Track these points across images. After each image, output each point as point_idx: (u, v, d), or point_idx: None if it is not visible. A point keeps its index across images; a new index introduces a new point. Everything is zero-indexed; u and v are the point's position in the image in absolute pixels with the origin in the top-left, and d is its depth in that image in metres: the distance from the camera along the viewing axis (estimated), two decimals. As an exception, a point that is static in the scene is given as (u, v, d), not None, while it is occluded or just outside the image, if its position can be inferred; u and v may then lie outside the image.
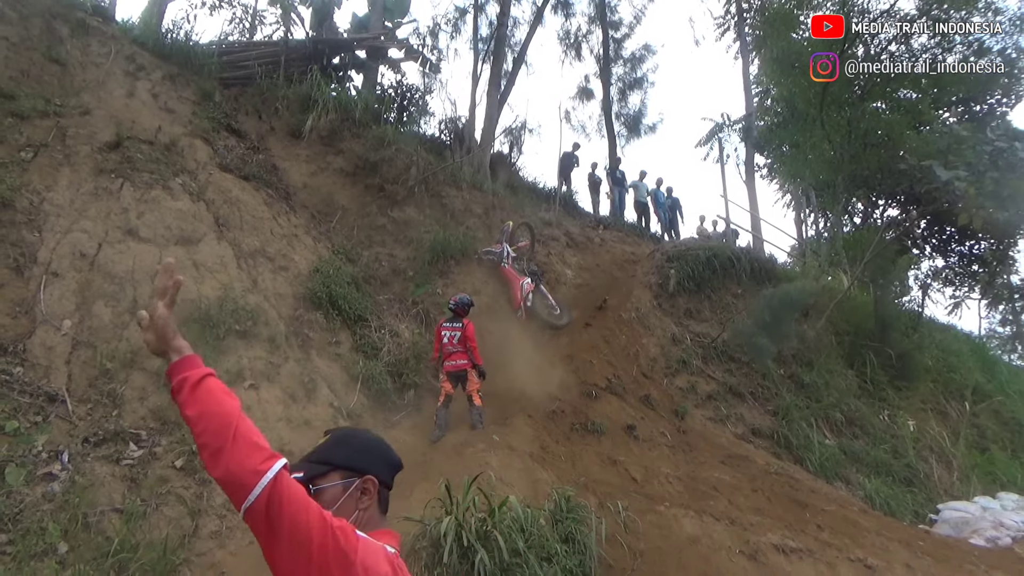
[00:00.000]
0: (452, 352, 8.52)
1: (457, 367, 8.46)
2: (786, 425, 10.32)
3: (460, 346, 8.49)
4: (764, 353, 11.04)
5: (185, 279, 6.35)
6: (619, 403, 9.63)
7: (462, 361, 8.46)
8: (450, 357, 8.54)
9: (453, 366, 8.47)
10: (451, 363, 8.50)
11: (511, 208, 14.42)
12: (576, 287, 13.80)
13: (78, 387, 6.09)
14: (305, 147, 11.72)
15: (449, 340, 8.56)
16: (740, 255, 13.37)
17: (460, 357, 8.48)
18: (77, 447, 5.61)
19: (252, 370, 7.16)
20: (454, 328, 8.61)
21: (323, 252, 9.81)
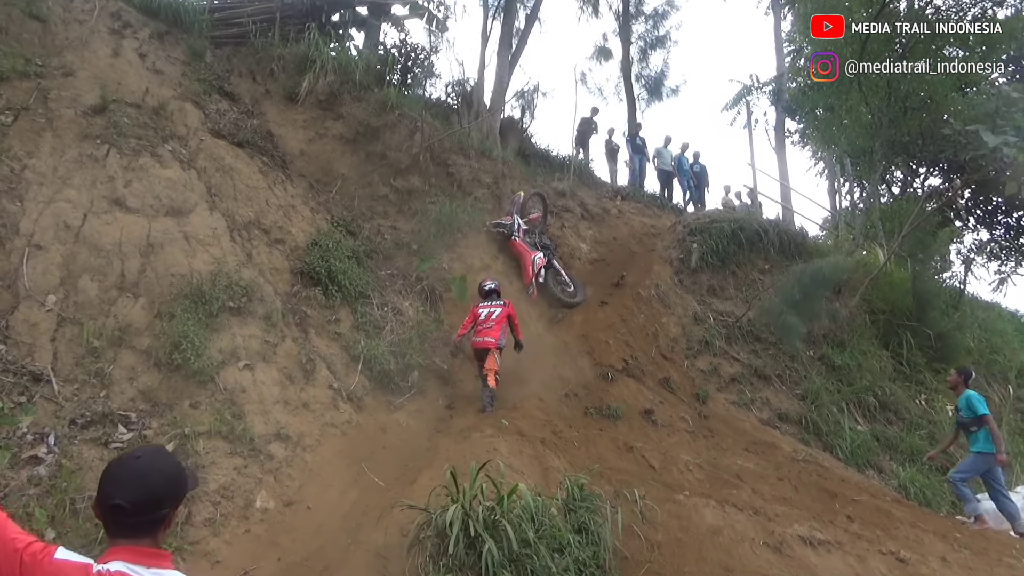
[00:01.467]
0: (486, 328, 8.92)
1: (484, 344, 8.83)
2: (815, 410, 10.30)
3: (495, 323, 8.91)
4: (793, 333, 10.99)
5: (175, 252, 6.32)
6: (636, 386, 9.63)
7: (490, 339, 8.83)
8: (480, 332, 8.89)
9: (480, 343, 8.87)
10: (478, 339, 8.91)
11: (522, 177, 14.34)
12: (591, 262, 13.75)
13: (64, 366, 6.14)
14: (302, 111, 11.67)
15: (487, 317, 9.01)
16: (768, 228, 13.26)
17: (490, 334, 8.85)
18: (64, 429, 5.67)
19: (247, 349, 7.19)
20: (494, 305, 9.15)
21: (322, 224, 9.80)
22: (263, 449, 6.49)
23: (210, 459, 6.10)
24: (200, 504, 5.74)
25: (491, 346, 8.77)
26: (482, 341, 8.86)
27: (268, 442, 6.60)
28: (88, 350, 6.31)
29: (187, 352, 6.60)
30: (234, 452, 6.28)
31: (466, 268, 11.18)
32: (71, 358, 6.22)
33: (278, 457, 6.55)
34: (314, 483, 6.54)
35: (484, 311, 9.11)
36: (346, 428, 7.41)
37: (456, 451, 6.58)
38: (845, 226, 18.07)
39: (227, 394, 6.68)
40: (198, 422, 6.28)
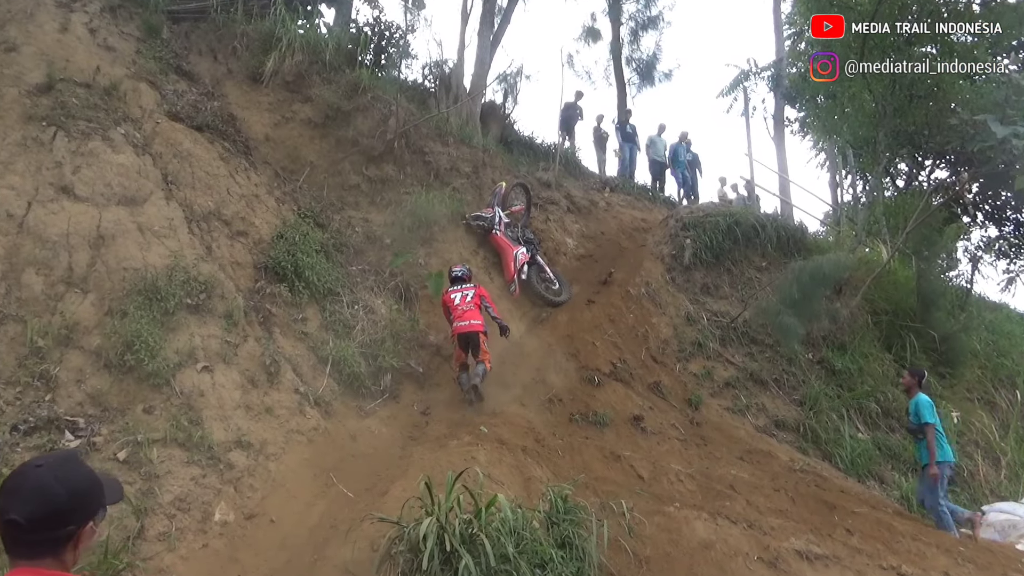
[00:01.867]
0: (465, 311, 9.04)
1: (471, 327, 8.91)
2: (814, 416, 10.40)
3: (474, 304, 9.09)
4: (791, 335, 11.09)
5: (128, 244, 6.26)
6: (625, 391, 9.68)
7: (476, 321, 8.96)
8: (462, 316, 8.96)
9: (466, 327, 8.92)
10: (463, 323, 8.92)
11: (504, 167, 14.34)
12: (578, 258, 13.78)
13: (5, 367, 6.07)
14: (267, 93, 11.58)
15: (462, 300, 9.16)
16: (765, 223, 13.37)
17: (474, 316, 9.00)
18: (4, 436, 5.61)
19: (206, 350, 7.15)
20: (464, 289, 9.32)
21: (288, 215, 9.75)
22: (223, 458, 6.46)
23: (165, 468, 6.06)
24: (154, 517, 5.70)
25: (479, 329, 8.93)
26: (467, 325, 8.94)
27: (228, 450, 6.57)
28: (32, 350, 6.24)
29: (140, 353, 6.54)
30: (191, 461, 6.24)
31: (443, 263, 11.16)
32: (13, 359, 6.15)
33: (239, 466, 6.51)
34: (278, 494, 6.52)
35: (456, 295, 9.28)
36: (313, 435, 7.38)
37: (431, 460, 6.58)
38: (847, 221, 18.25)
39: (184, 398, 6.64)
40: (152, 428, 6.23)
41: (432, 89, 15.36)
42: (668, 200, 18.40)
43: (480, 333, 8.93)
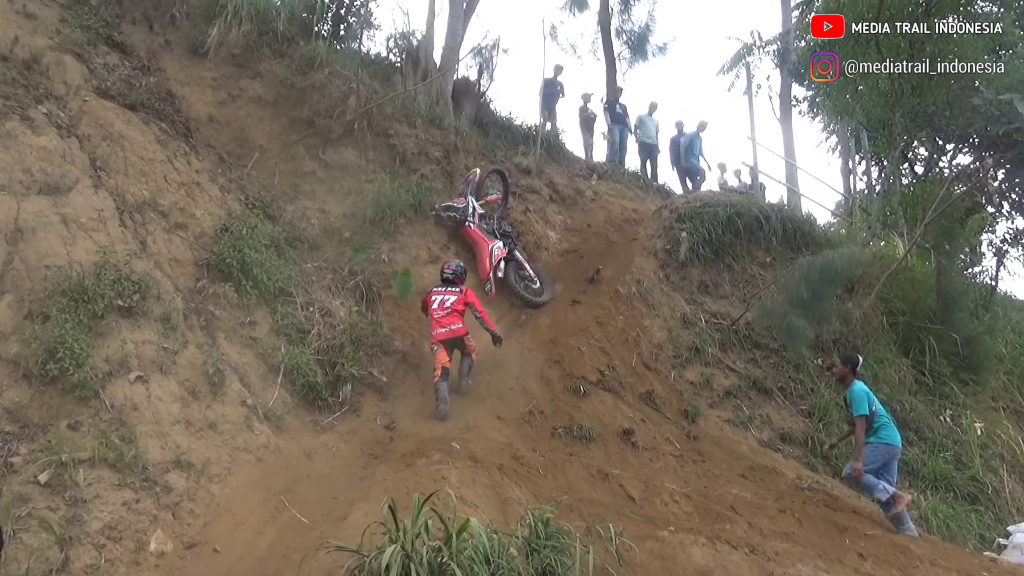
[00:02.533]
0: (444, 316, 9.39)
1: (452, 333, 9.32)
2: (823, 429, 10.47)
3: (453, 310, 9.41)
4: (799, 338, 11.14)
5: (50, 239, 6.20)
6: (614, 401, 9.71)
7: (456, 325, 9.35)
8: (441, 323, 9.37)
9: (447, 333, 9.31)
10: (443, 329, 9.33)
11: (479, 151, 14.32)
12: (561, 253, 13.80)
13: (-91, 380, 5.99)
14: (211, 68, 11.49)
15: (440, 304, 9.48)
16: (770, 214, 13.44)
17: (455, 321, 9.37)
18: (-91, 457, 5.53)
19: (140, 358, 7.09)
20: (448, 292, 9.60)
21: (234, 206, 9.69)
22: (159, 480, 6.41)
23: (93, 492, 6.00)
24: (80, 547, 5.64)
25: (462, 333, 9.38)
26: (448, 331, 9.33)
27: (165, 471, 6.52)
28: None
29: (65, 361, 6.48)
30: (123, 484, 6.19)
31: (410, 260, 11.15)
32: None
33: (178, 489, 6.47)
34: (222, 521, 6.48)
35: (437, 299, 9.58)
36: (262, 453, 7.35)
37: (396, 480, 6.56)
38: (860, 212, 18.35)
39: (115, 412, 6.59)
40: (78, 447, 6.18)
41: (398, 64, 15.30)
42: (662, 188, 18.44)
43: (464, 336, 9.39)
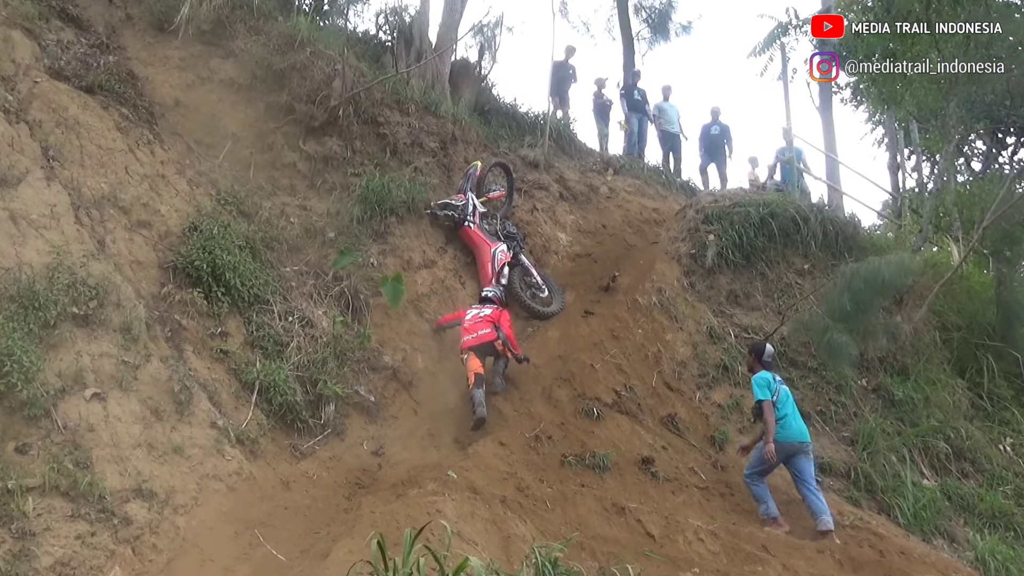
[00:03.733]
0: (473, 324, 10.13)
1: (480, 339, 9.94)
2: (868, 458, 10.43)
3: (488, 318, 10.12)
4: (841, 356, 11.11)
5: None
6: (631, 426, 9.68)
7: (486, 330, 10.00)
8: (470, 330, 10.08)
9: (475, 339, 9.96)
10: (470, 336, 10.00)
11: (480, 142, 14.34)
12: (573, 258, 13.79)
13: None
14: (178, 47, 11.52)
15: (473, 317, 10.23)
16: (808, 214, 13.39)
17: (484, 326, 10.04)
18: None
19: (97, 372, 7.10)
20: (484, 307, 10.42)
21: (203, 201, 9.70)
22: (117, 510, 6.41)
23: (43, 524, 6.00)
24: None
25: (491, 338, 9.96)
26: (476, 336, 9.98)
27: (125, 501, 6.52)
28: None
29: (12, 376, 6.47)
30: (77, 514, 6.19)
31: (402, 264, 11.15)
32: None
33: (138, 521, 6.47)
34: (188, 557, 6.47)
35: (472, 311, 10.41)
36: (234, 481, 7.35)
37: (385, 513, 6.55)
38: (910, 213, 18.35)
39: (68, 434, 6.59)
40: (27, 472, 6.18)
41: (388, 43, 15.36)
42: (686, 185, 18.44)
43: (494, 342, 9.97)
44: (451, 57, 16.14)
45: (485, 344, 9.87)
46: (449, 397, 10.10)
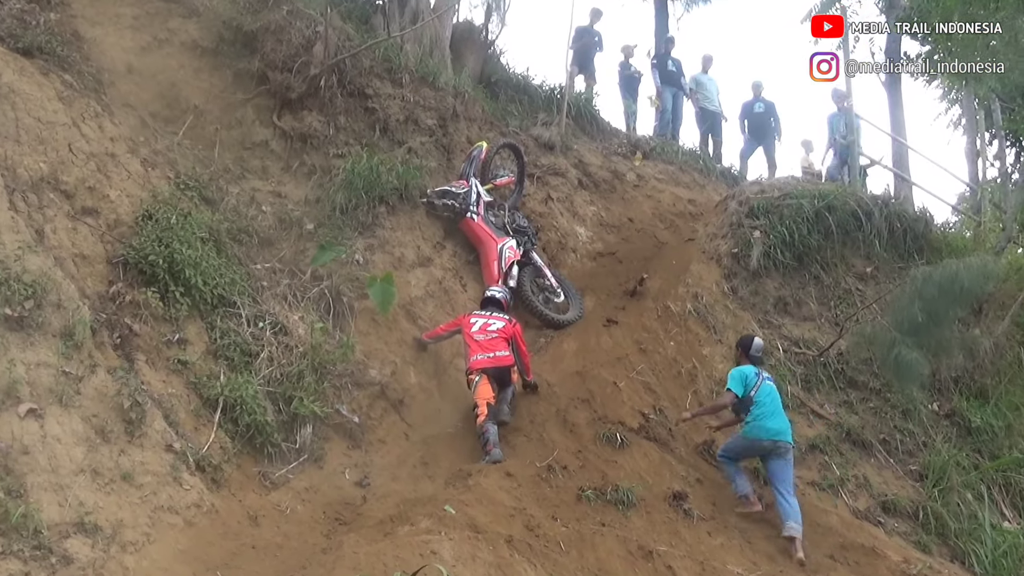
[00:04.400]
0: (488, 340, 9.95)
1: (498, 361, 9.83)
2: (939, 496, 10.41)
3: (500, 335, 10.02)
4: (909, 375, 11.09)
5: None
6: (660, 455, 9.67)
7: (503, 353, 9.91)
8: (484, 347, 9.90)
9: (491, 360, 9.80)
10: (485, 356, 9.83)
11: (485, 119, 14.36)
12: (593, 257, 13.80)
13: None
14: (132, 3, 11.55)
15: (482, 328, 10.06)
16: (872, 208, 13.36)
17: (501, 347, 9.93)
18: None
19: (33, 385, 7.08)
20: (494, 317, 10.25)
21: (160, 185, 9.70)
22: (56, 547, 6.39)
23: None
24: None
25: (509, 363, 9.95)
26: (492, 357, 9.82)
27: (65, 536, 6.50)
28: None
29: (-66, 388, 6.48)
30: (8, 551, 6.17)
31: (393, 262, 11.14)
32: None
33: (80, 560, 6.45)
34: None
35: (479, 321, 10.17)
36: (193, 515, 7.33)
37: (370, 554, 6.53)
38: (991, 208, 18.31)
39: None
40: (-50, 502, 6.18)
41: (379, 1, 15.39)
42: (727, 172, 18.42)
43: (510, 368, 9.94)
44: (452, 19, 16.19)
45: (502, 369, 9.86)
46: (447, 419, 10.11)
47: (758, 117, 19.21)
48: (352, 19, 13.86)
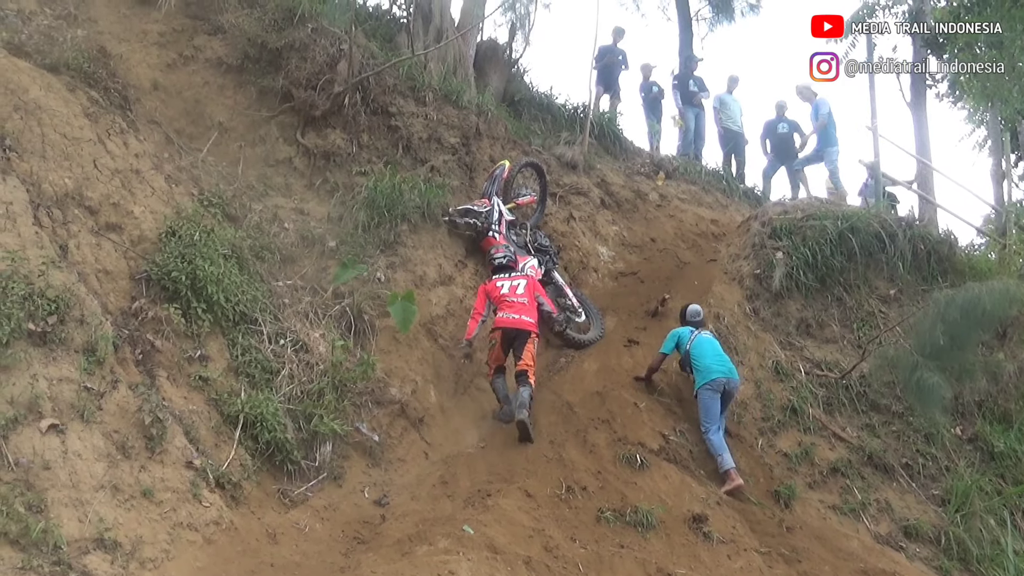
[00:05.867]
0: (516, 303, 10.36)
1: (519, 323, 10.23)
2: (962, 522, 10.33)
3: (527, 297, 10.47)
4: (931, 399, 11.01)
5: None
6: (680, 477, 9.63)
7: (528, 318, 10.30)
8: (511, 307, 10.32)
9: (513, 320, 10.24)
10: (510, 315, 10.26)
11: (508, 138, 14.37)
12: (615, 277, 13.77)
13: None
14: (159, 20, 11.63)
15: (511, 290, 10.49)
16: (896, 230, 13.31)
17: (527, 312, 10.34)
18: None
19: (55, 400, 7.10)
20: (516, 278, 10.71)
21: (183, 202, 9.74)
22: (75, 563, 6.40)
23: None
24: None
25: (530, 327, 10.28)
26: (516, 319, 10.24)
27: (84, 552, 6.51)
28: None
29: (-44, 402, 6.51)
30: (28, 566, 6.18)
31: (414, 281, 11.16)
32: None
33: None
34: (157, 621, 6.48)
35: (505, 284, 10.59)
36: (212, 532, 7.33)
37: (389, 574, 6.55)
38: (1017, 231, 18.22)
39: (20, 472, 6.59)
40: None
41: (404, 20, 15.45)
42: (750, 192, 18.39)
43: (532, 333, 10.25)
44: (477, 37, 16.23)
45: (519, 331, 10.19)
46: (467, 438, 10.10)
47: (781, 137, 19.14)
48: (376, 37, 13.92)
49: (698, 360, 10.44)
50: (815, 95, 17.42)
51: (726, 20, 24.35)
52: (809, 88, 17.47)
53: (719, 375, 10.28)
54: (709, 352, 10.51)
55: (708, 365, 10.37)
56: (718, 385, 10.25)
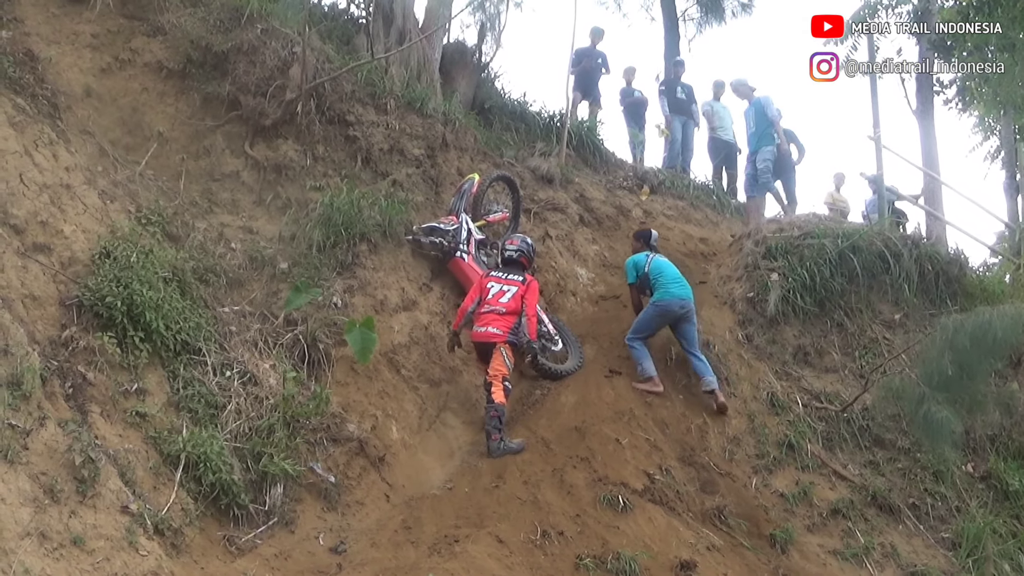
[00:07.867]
0: (490, 312, 10.73)
1: (486, 336, 10.68)
2: (974, 567, 10.38)
3: (506, 307, 10.74)
4: (940, 434, 11.09)
5: None
6: (667, 520, 9.66)
7: (495, 329, 10.63)
8: (483, 319, 10.73)
9: (480, 334, 10.74)
10: (478, 328, 10.75)
11: (478, 149, 14.43)
12: (595, 301, 13.83)
13: None
14: (91, 20, 11.63)
15: (496, 296, 10.85)
16: (901, 249, 13.40)
17: (497, 323, 10.65)
18: None
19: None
20: (509, 282, 10.99)
21: (119, 220, 9.73)
22: (-2, 620, 6.39)
23: (-101, 637, 5.99)
24: None
25: (497, 339, 10.57)
26: (483, 331, 10.69)
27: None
28: None
29: None
30: (-56, 626, 6.17)
31: (374, 306, 11.16)
32: None
33: (25, 635, 6.44)
34: None
35: (496, 287, 10.95)
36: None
37: (345, 629, 6.54)
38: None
39: (-65, 519, 6.58)
40: None
41: (363, 21, 15.50)
42: (743, 208, 18.49)
43: (500, 344, 10.57)
44: (443, 40, 16.30)
45: (487, 344, 10.62)
46: (432, 478, 10.10)
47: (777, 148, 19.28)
48: (332, 39, 13.96)
49: (656, 278, 11.72)
50: (753, 91, 17.29)
51: (716, 20, 24.56)
52: (746, 84, 17.44)
53: (675, 296, 11.50)
54: (668, 272, 11.81)
55: (666, 284, 11.60)
56: (670, 309, 11.49)
